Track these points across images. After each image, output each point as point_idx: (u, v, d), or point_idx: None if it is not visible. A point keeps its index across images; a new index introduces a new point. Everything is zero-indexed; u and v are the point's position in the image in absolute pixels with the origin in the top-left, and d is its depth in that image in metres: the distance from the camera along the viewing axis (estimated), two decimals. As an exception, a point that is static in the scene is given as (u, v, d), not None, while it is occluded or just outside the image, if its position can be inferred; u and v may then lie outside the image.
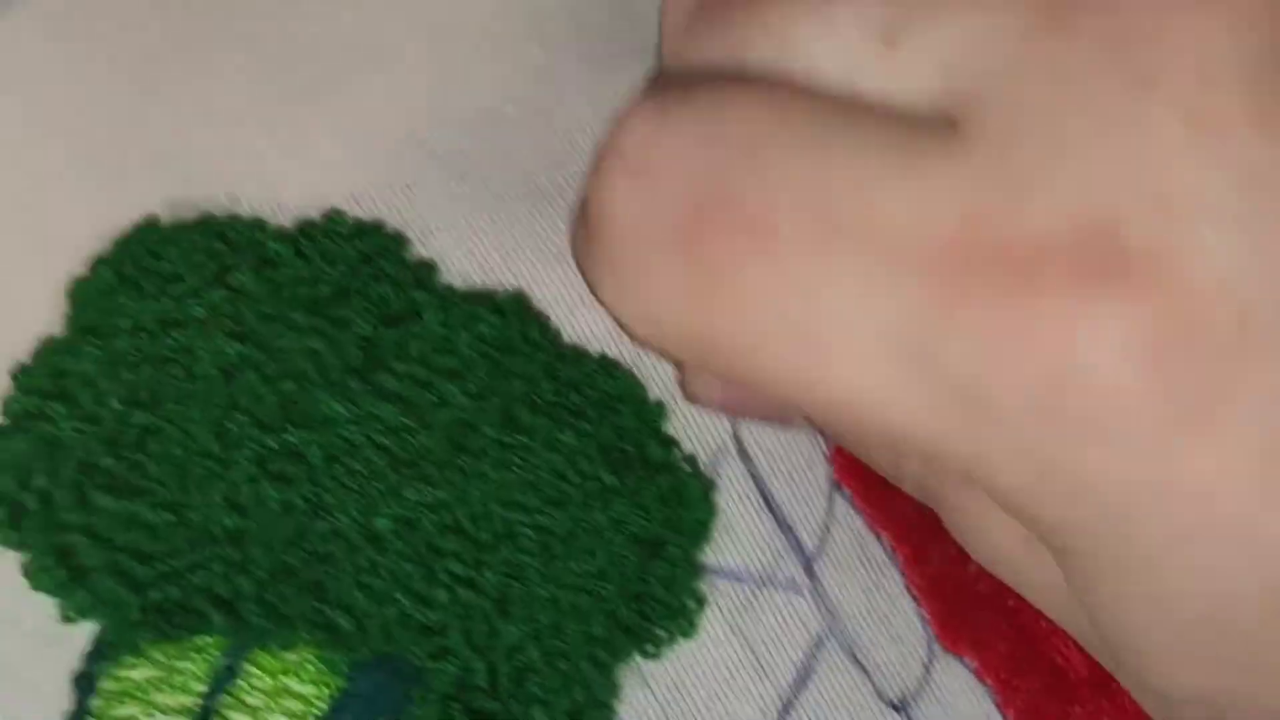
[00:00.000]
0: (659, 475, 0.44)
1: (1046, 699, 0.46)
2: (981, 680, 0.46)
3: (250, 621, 0.41)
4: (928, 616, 0.46)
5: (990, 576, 0.45)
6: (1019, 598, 0.46)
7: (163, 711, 0.41)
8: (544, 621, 0.42)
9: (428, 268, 0.45)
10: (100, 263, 0.43)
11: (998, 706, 0.46)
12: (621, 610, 0.43)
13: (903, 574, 0.46)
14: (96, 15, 0.46)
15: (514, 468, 0.43)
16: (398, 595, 0.41)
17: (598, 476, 0.43)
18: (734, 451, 0.46)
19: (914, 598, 0.46)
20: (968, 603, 0.46)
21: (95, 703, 0.40)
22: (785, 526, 0.46)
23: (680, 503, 0.44)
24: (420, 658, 0.41)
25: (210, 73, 0.46)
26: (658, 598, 0.43)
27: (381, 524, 0.41)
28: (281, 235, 0.44)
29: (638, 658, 0.44)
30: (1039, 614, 0.46)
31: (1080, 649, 0.45)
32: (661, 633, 0.44)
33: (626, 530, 0.43)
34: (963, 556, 0.45)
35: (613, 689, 0.43)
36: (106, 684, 0.41)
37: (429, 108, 0.47)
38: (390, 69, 0.47)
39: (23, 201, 0.43)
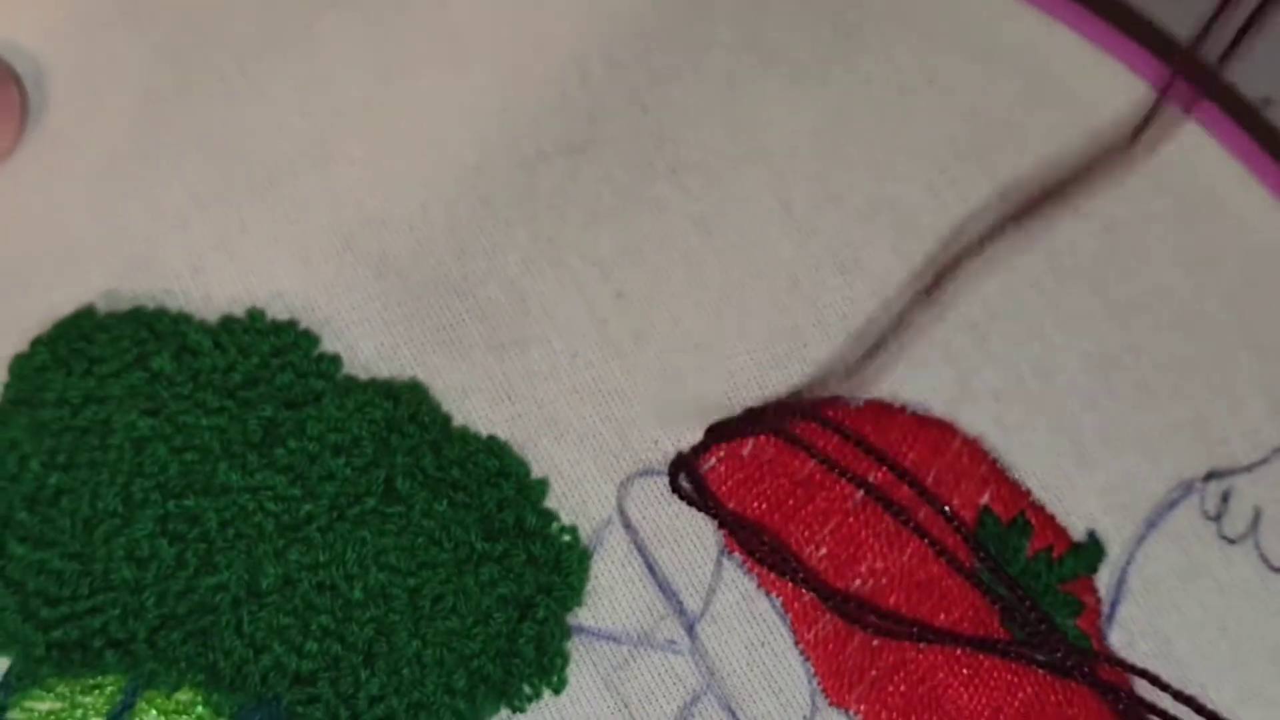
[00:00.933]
0: (533, 542, 0.48)
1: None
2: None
3: (141, 661, 0.45)
4: (815, 671, 0.49)
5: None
6: (917, 648, 0.48)
7: (63, 741, 0.46)
8: (407, 675, 0.46)
9: (332, 361, 0.50)
10: (38, 343, 0.49)
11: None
12: (487, 666, 0.47)
13: (793, 631, 0.49)
14: (76, 122, 0.53)
15: (390, 533, 0.47)
16: (274, 645, 0.46)
17: (470, 542, 0.47)
18: (619, 523, 0.49)
19: (802, 653, 0.49)
20: (859, 656, 0.49)
21: (2, 730, 0.46)
22: (668, 591, 0.49)
23: (553, 568, 0.48)
24: (293, 704, 0.46)
25: (164, 176, 0.52)
26: (525, 656, 0.47)
27: (265, 582, 0.46)
28: (203, 328, 0.49)
29: (506, 711, 0.47)
30: (939, 664, 0.49)
31: (984, 699, 0.48)
32: (528, 688, 0.47)
33: (496, 592, 0.47)
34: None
35: (474, 739, 0.47)
36: (14, 714, 0.46)
37: (360, 208, 0.52)
38: (329, 170, 0.53)
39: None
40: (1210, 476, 0.52)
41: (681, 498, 0.50)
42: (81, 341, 0.49)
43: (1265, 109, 0.61)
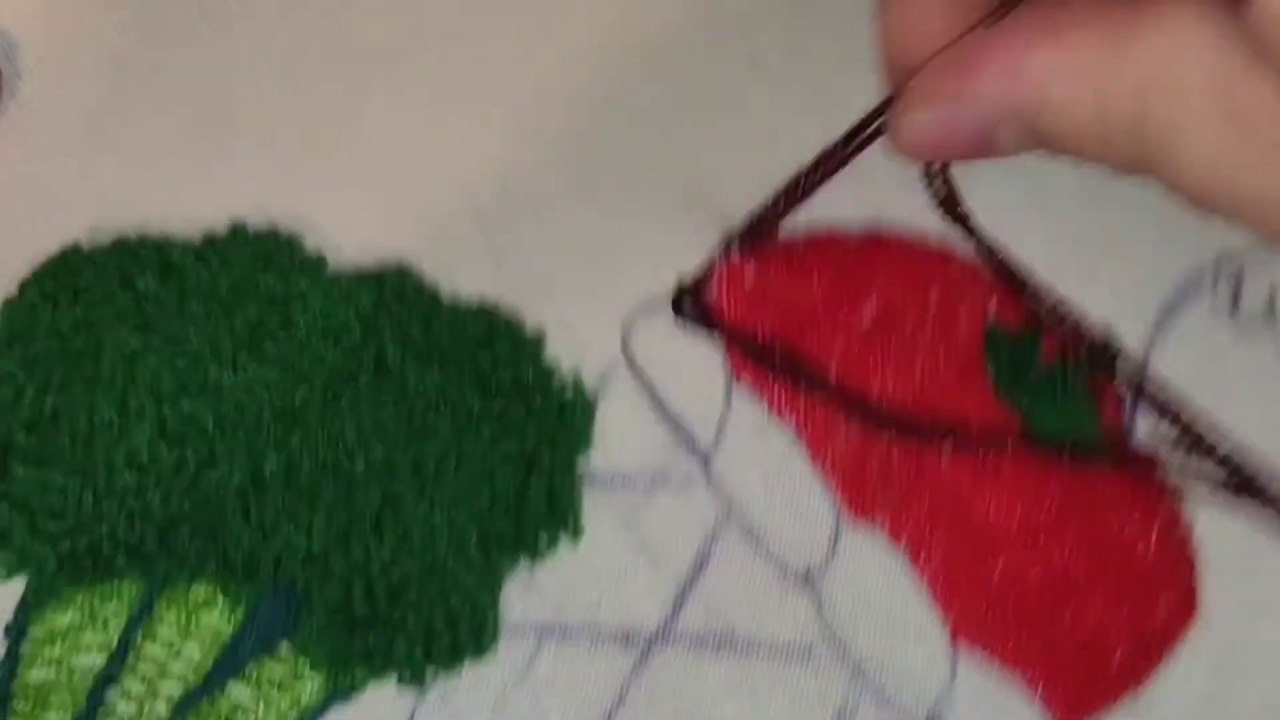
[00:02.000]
0: (532, 396, 0.48)
1: (965, 554, 0.47)
2: (894, 544, 0.47)
3: (154, 562, 0.46)
4: (836, 489, 0.48)
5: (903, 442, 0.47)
6: (938, 458, 0.48)
7: (87, 649, 0.46)
8: (417, 538, 0.46)
9: (315, 260, 0.50)
10: (26, 285, 0.49)
11: (911, 568, 0.47)
12: (498, 522, 0.46)
13: (809, 452, 0.48)
14: (50, 89, 0.54)
15: (386, 406, 0.47)
16: (282, 528, 0.46)
17: (467, 405, 0.47)
18: (624, 363, 0.49)
19: (821, 473, 0.48)
20: (879, 469, 0.48)
21: (26, 649, 0.46)
22: (679, 427, 0.49)
23: (557, 419, 0.48)
24: (308, 586, 0.45)
25: (136, 124, 0.53)
26: (537, 509, 0.47)
27: (267, 469, 0.46)
28: (186, 246, 0.50)
29: (526, 564, 0.47)
30: (961, 471, 0.48)
31: (1013, 501, 0.47)
32: (544, 539, 0.47)
33: (498, 449, 0.47)
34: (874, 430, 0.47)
35: (492, 594, 0.46)
36: (35, 631, 0.46)
37: (329, 116, 0.53)
38: (296, 87, 0.53)
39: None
40: (1220, 261, 0.51)
41: (685, 320, 0.49)
42: (67, 276, 0.49)
43: None
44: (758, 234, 0.50)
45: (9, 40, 0.54)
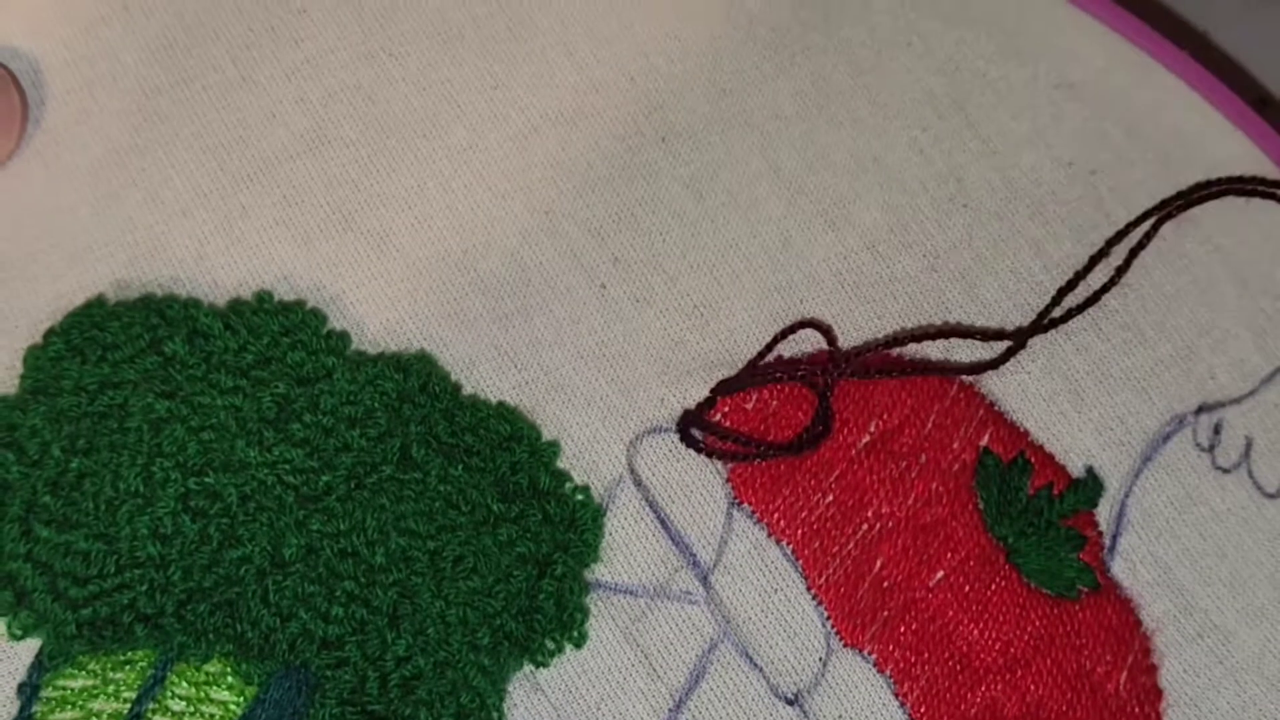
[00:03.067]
0: (548, 502, 0.49)
1: (947, 684, 0.50)
2: (881, 672, 0.50)
3: (170, 635, 0.46)
4: (828, 614, 0.50)
5: (897, 569, 0.49)
6: (927, 588, 0.50)
7: (97, 716, 0.46)
8: (432, 635, 0.47)
9: (341, 337, 0.51)
10: (52, 334, 0.50)
11: (896, 696, 0.50)
12: (509, 624, 0.48)
13: (804, 577, 0.50)
14: (75, 119, 0.54)
15: (409, 499, 0.48)
16: (300, 613, 0.47)
17: (487, 505, 0.48)
18: (629, 481, 0.51)
19: (814, 598, 0.50)
20: (870, 598, 0.50)
21: (38, 709, 0.47)
22: (681, 544, 0.50)
23: (569, 527, 0.49)
24: (321, 668, 0.47)
25: (164, 168, 0.53)
26: (546, 612, 0.48)
27: (287, 552, 0.47)
28: (213, 311, 0.50)
29: (530, 666, 0.48)
30: (949, 602, 0.50)
31: (995, 631, 0.49)
32: (550, 643, 0.48)
33: (514, 552, 0.48)
34: (867, 555, 0.49)
35: (499, 694, 0.48)
36: (48, 692, 0.47)
37: (357, 188, 0.54)
38: (325, 153, 0.54)
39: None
40: (1201, 409, 0.54)
41: (692, 447, 0.51)
42: (94, 330, 0.49)
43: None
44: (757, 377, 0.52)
45: (34, 65, 0.54)
